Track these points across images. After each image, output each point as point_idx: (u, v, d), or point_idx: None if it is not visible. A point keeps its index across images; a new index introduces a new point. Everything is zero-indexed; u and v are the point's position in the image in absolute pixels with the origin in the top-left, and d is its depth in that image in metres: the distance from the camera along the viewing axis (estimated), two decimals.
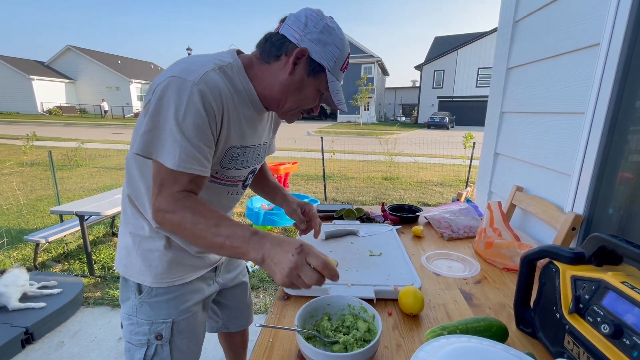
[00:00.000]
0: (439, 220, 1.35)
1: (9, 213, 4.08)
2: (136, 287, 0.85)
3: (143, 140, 0.66)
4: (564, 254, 0.63)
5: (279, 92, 0.76)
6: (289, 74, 0.73)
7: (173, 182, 0.66)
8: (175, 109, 0.64)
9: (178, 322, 0.87)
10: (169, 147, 0.64)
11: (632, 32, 0.85)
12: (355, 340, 0.64)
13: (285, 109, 0.79)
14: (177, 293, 0.87)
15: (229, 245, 0.63)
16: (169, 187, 0.66)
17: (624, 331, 0.49)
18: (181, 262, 0.85)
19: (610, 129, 0.92)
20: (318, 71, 0.74)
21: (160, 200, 0.66)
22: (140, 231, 0.82)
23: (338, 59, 0.74)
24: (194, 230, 0.65)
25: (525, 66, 1.36)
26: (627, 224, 0.91)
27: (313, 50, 0.72)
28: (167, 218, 0.66)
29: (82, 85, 29.26)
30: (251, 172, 0.91)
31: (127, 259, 0.84)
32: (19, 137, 9.16)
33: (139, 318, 0.85)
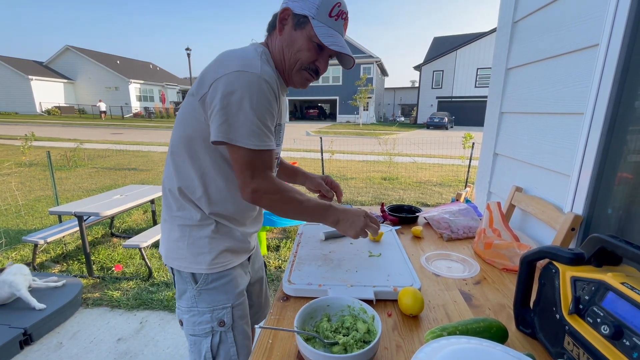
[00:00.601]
0: (438, 220, 1.35)
1: (7, 214, 4.07)
2: (191, 277, 0.88)
3: (222, 130, 0.74)
4: (564, 254, 0.63)
5: (278, 54, 0.84)
6: (279, 35, 0.83)
7: (261, 163, 0.78)
8: (249, 99, 0.73)
9: (236, 307, 0.92)
10: (248, 131, 0.74)
11: (631, 33, 0.85)
12: (355, 341, 0.64)
13: (287, 68, 0.85)
14: (230, 277, 0.91)
15: (317, 214, 0.86)
16: (261, 170, 0.78)
17: (624, 332, 0.49)
18: (229, 247, 0.90)
19: (609, 129, 0.92)
20: (303, 22, 0.80)
21: (258, 182, 0.78)
22: (190, 221, 0.87)
23: (320, 5, 0.79)
24: (291, 205, 0.82)
25: (524, 67, 1.36)
26: (627, 225, 0.92)
27: (294, 7, 0.79)
28: (266, 198, 0.80)
29: (81, 86, 29.19)
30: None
31: (178, 252, 0.88)
32: (18, 138, 9.14)
33: (200, 307, 0.89)
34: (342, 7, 0.82)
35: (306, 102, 31.71)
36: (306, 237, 1.22)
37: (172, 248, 0.89)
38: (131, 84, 28.63)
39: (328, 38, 0.79)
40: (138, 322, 2.15)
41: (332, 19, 0.80)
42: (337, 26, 0.82)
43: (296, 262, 1.01)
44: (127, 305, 2.30)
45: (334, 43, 0.80)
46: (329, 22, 0.80)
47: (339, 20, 0.81)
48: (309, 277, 0.92)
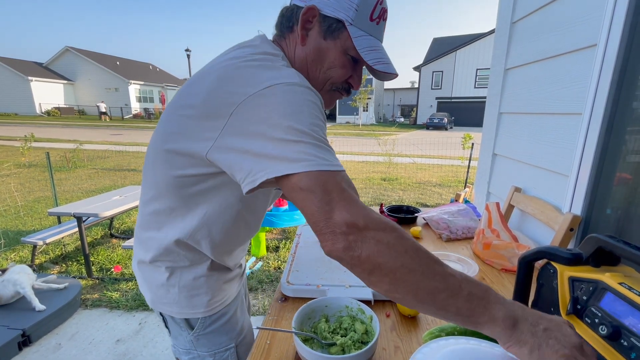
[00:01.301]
0: (437, 221, 1.35)
1: (6, 214, 4.07)
2: (185, 323, 0.74)
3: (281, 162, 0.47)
4: (562, 254, 0.63)
5: (300, 66, 0.63)
6: (302, 44, 0.61)
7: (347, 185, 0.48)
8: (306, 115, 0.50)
9: (240, 344, 0.80)
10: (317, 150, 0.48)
11: (628, 33, 0.85)
12: (353, 342, 0.64)
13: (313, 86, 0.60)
14: (229, 314, 0.79)
15: (465, 294, 0.42)
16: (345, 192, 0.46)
17: (622, 332, 0.49)
18: (224, 280, 0.76)
19: (607, 129, 0.92)
20: (336, 29, 0.59)
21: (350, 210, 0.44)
22: (180, 263, 0.69)
23: (359, 5, 0.58)
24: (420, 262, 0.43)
25: (523, 67, 1.36)
26: (625, 225, 0.92)
27: (323, 5, 0.58)
28: (370, 236, 0.43)
29: (81, 87, 29.23)
30: None
31: (167, 296, 0.72)
32: (17, 139, 9.13)
33: (200, 351, 0.76)
34: (384, 4, 0.61)
35: None
36: (305, 237, 1.22)
37: (158, 293, 0.72)
38: (131, 84, 28.67)
39: (372, 53, 0.60)
40: (137, 323, 2.15)
41: (373, 22, 0.60)
42: (379, 31, 0.62)
43: (295, 263, 1.00)
44: (126, 307, 2.30)
45: (380, 60, 0.60)
46: (370, 29, 0.60)
47: (380, 23, 0.62)
48: (307, 277, 0.92)
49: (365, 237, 0.43)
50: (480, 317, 0.41)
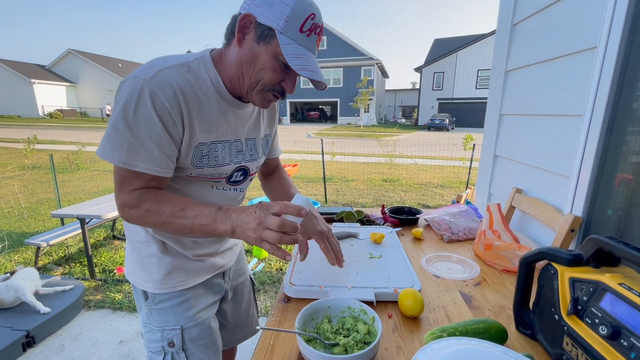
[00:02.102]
0: (438, 222, 1.35)
1: (10, 216, 4.09)
2: (143, 294, 0.86)
3: (102, 143, 0.67)
4: (562, 255, 0.63)
5: (235, 67, 0.71)
6: (238, 46, 0.69)
7: (135, 179, 0.68)
8: (125, 107, 0.64)
9: (189, 330, 0.87)
10: (117, 144, 0.65)
11: (628, 35, 0.86)
12: (356, 342, 0.65)
13: (246, 86, 0.72)
14: (182, 298, 0.87)
15: (197, 224, 0.66)
16: (130, 184, 0.69)
17: (622, 332, 0.50)
18: (180, 267, 0.85)
19: (608, 131, 0.93)
20: (268, 35, 0.66)
21: (123, 196, 0.69)
22: (137, 236, 0.83)
23: (290, 17, 0.64)
24: (160, 218, 0.67)
25: (523, 69, 1.37)
26: (627, 226, 0.92)
27: (258, 14, 0.65)
28: (132, 213, 0.69)
29: (83, 89, 29.37)
30: (238, 170, 0.85)
31: (130, 266, 0.87)
32: (20, 141, 9.18)
33: (152, 325, 0.86)
34: (317, 20, 0.67)
35: (307, 104, 31.78)
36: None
37: (128, 262, 0.88)
38: None
39: (297, 60, 0.65)
40: (140, 325, 2.16)
41: (303, 34, 0.66)
42: (309, 43, 0.68)
43: (297, 264, 1.01)
44: (129, 308, 2.31)
45: (304, 67, 0.66)
46: (300, 39, 0.66)
47: (311, 35, 0.67)
48: (310, 278, 0.92)
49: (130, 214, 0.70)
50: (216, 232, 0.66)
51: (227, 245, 0.97)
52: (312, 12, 0.67)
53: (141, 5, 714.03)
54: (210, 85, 0.73)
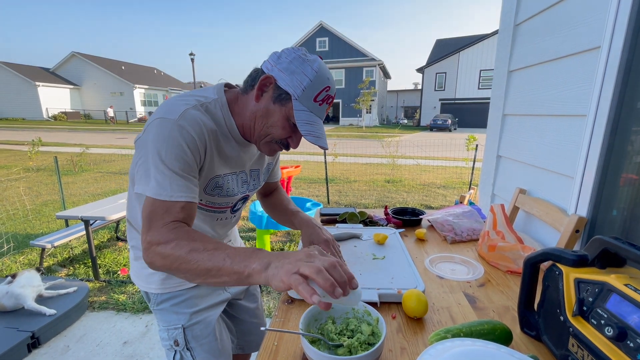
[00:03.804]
0: (442, 223, 1.35)
1: (15, 218, 4.12)
2: (146, 295, 0.92)
3: (140, 181, 0.69)
4: (567, 256, 0.63)
5: (249, 119, 0.79)
6: (256, 101, 0.76)
7: (164, 212, 0.66)
8: (158, 146, 0.68)
9: (191, 328, 0.90)
10: (156, 181, 0.67)
11: (632, 35, 0.85)
12: (360, 343, 0.65)
13: (256, 136, 0.80)
14: (182, 298, 0.90)
15: (229, 264, 0.58)
16: (161, 219, 0.65)
17: (628, 333, 0.49)
18: None
19: (612, 130, 0.92)
20: (284, 99, 0.73)
21: (153, 233, 0.64)
22: (137, 242, 0.88)
23: (307, 87, 0.72)
24: (190, 256, 0.60)
25: (526, 69, 1.37)
26: (632, 226, 0.91)
27: (279, 78, 0.72)
28: (158, 251, 0.62)
29: (87, 91, 29.57)
30: (241, 200, 0.94)
31: (134, 270, 0.92)
32: (25, 143, 9.26)
33: (160, 325, 0.92)
34: (330, 92, 0.75)
35: None
36: None
37: (133, 267, 0.93)
38: (136, 89, 28.95)
39: (306, 126, 0.73)
40: (144, 326, 2.17)
41: (316, 103, 0.74)
42: (320, 111, 0.75)
43: None
44: (133, 309, 2.32)
45: (311, 133, 0.73)
46: (312, 107, 0.73)
47: (323, 105, 0.75)
48: None
49: (156, 252, 0.63)
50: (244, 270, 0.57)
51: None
52: (328, 85, 0.74)
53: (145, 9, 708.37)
54: (225, 125, 0.80)
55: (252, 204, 4.23)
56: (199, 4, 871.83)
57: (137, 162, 0.71)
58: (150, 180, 0.67)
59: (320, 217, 1.51)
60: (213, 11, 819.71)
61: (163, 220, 0.65)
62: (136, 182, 0.71)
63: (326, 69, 0.75)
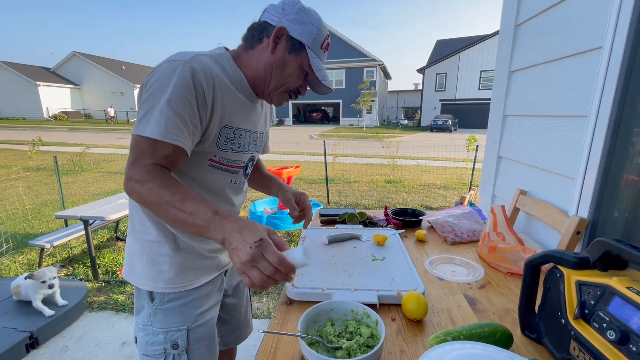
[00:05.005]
0: (442, 224, 1.34)
1: (14, 218, 4.12)
2: (148, 295, 0.85)
3: (138, 123, 0.68)
4: (568, 258, 0.62)
5: (264, 70, 0.80)
6: (271, 53, 0.78)
7: (150, 153, 0.67)
8: (166, 84, 0.68)
9: (194, 330, 0.87)
10: (156, 119, 0.66)
11: (634, 35, 0.85)
12: (359, 345, 0.64)
13: (271, 87, 0.82)
14: (190, 298, 0.86)
15: (191, 222, 0.63)
16: (145, 159, 0.67)
17: (630, 337, 0.49)
18: (192, 266, 0.85)
19: (614, 131, 0.92)
20: (298, 48, 0.77)
21: (133, 170, 0.67)
22: (148, 236, 0.82)
23: (316, 36, 0.78)
24: (159, 203, 0.64)
25: (527, 69, 1.36)
26: (633, 228, 0.91)
27: (292, 29, 0.76)
28: (135, 188, 0.66)
29: (87, 91, 29.59)
30: (250, 160, 0.93)
31: (136, 267, 0.85)
32: (25, 143, 9.27)
33: (154, 327, 0.85)
34: (329, 40, 0.83)
35: (309, 105, 31.83)
36: (310, 240, 1.22)
37: (132, 263, 0.85)
38: (136, 88, 28.94)
39: (320, 72, 0.80)
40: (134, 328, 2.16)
41: (322, 50, 0.81)
42: (324, 57, 0.84)
43: None
44: (132, 309, 2.31)
45: (324, 77, 0.82)
46: (320, 54, 0.80)
47: (326, 52, 0.83)
48: (312, 281, 0.92)
49: (133, 188, 0.67)
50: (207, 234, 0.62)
51: None
52: (328, 34, 0.82)
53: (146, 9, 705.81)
54: (234, 78, 0.80)
55: (252, 204, 4.23)
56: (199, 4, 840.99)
57: (139, 104, 0.71)
58: (149, 121, 0.67)
59: (320, 217, 1.51)
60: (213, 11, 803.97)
61: (147, 160, 0.68)
62: (135, 124, 0.69)
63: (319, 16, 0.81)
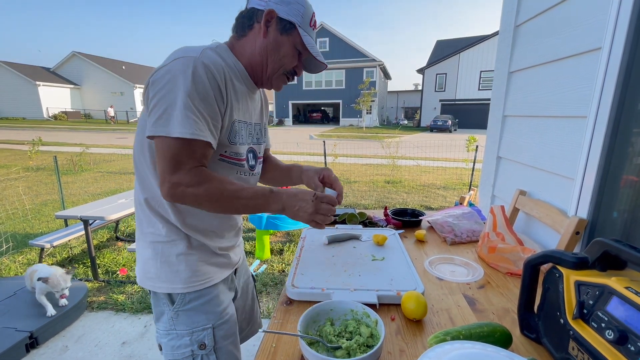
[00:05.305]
0: (442, 224, 1.34)
1: (14, 218, 4.12)
2: (168, 298, 0.83)
3: (159, 123, 0.67)
4: (567, 258, 0.63)
5: (259, 55, 0.80)
6: (264, 37, 0.79)
7: (189, 156, 0.69)
8: (182, 82, 0.67)
9: (219, 327, 0.85)
10: (181, 119, 0.66)
11: (633, 36, 0.85)
12: (358, 345, 0.64)
13: (269, 72, 0.83)
14: (211, 295, 0.85)
15: (252, 204, 0.74)
16: (187, 162, 0.69)
17: (629, 337, 0.49)
18: (206, 262, 0.85)
19: (613, 132, 0.92)
20: (289, 28, 0.78)
21: (181, 175, 0.68)
22: (159, 237, 0.81)
23: (304, 14, 0.79)
24: (220, 200, 0.71)
25: (527, 70, 1.36)
26: (632, 228, 0.91)
27: (280, 10, 0.77)
28: (189, 192, 0.69)
29: (87, 91, 29.58)
30: (250, 152, 0.90)
31: (151, 271, 0.82)
32: (25, 142, 9.26)
33: (178, 330, 0.83)
34: (315, 17, 0.84)
35: (309, 105, 31.81)
36: (310, 240, 1.22)
37: (146, 268, 0.83)
38: (136, 88, 28.94)
39: (313, 49, 0.81)
40: (142, 326, 2.16)
41: (311, 28, 0.82)
42: (313, 34, 0.85)
43: (300, 266, 1.01)
44: (132, 309, 2.31)
45: (318, 53, 0.83)
46: (310, 31, 0.82)
47: (314, 29, 0.85)
48: (312, 281, 0.92)
49: (185, 193, 0.69)
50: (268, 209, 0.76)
51: (239, 241, 1.00)
52: (313, 11, 0.83)
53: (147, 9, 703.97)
54: (235, 68, 0.81)
55: None
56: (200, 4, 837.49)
57: (152, 102, 0.69)
58: (171, 121, 0.66)
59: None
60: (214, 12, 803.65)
61: (189, 163, 0.69)
62: (151, 124, 0.68)
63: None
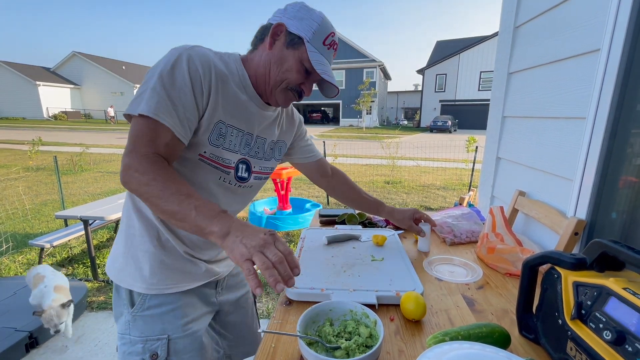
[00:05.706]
0: (441, 225, 1.35)
1: (14, 217, 4.12)
2: (128, 297, 0.81)
3: (132, 103, 0.67)
4: (566, 259, 0.63)
5: (263, 67, 0.80)
6: (269, 49, 0.78)
7: (149, 139, 0.66)
8: (162, 68, 0.68)
9: (175, 341, 0.82)
10: (148, 98, 0.66)
11: (632, 38, 0.85)
12: (357, 345, 0.65)
13: (271, 85, 0.80)
14: (173, 305, 0.83)
15: (193, 216, 0.60)
16: (145, 146, 0.65)
17: (627, 337, 0.49)
18: (171, 266, 0.82)
19: (611, 133, 0.92)
20: (297, 43, 0.76)
21: (133, 157, 0.64)
22: (133, 230, 0.80)
23: (317, 31, 0.77)
24: (160, 194, 0.62)
25: (526, 71, 1.37)
26: (631, 229, 0.91)
27: (290, 25, 0.76)
28: (135, 177, 0.63)
29: (87, 91, 29.61)
30: (242, 163, 0.85)
31: (118, 262, 0.82)
32: (25, 142, 9.26)
33: (132, 335, 0.81)
34: (335, 38, 0.81)
35: (309, 106, 31.84)
36: (309, 241, 1.23)
37: (114, 257, 0.84)
38: (136, 88, 28.86)
39: (320, 66, 0.76)
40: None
41: (325, 47, 0.79)
42: (328, 55, 0.80)
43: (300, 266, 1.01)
44: None
45: (325, 72, 0.77)
46: (322, 50, 0.78)
47: (330, 50, 0.80)
48: (311, 281, 0.92)
49: (132, 177, 0.64)
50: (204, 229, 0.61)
51: (224, 255, 0.95)
52: (332, 31, 0.80)
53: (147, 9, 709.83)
54: (237, 75, 0.80)
55: (251, 204, 4.22)
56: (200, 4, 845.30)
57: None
58: (142, 100, 0.66)
59: (319, 218, 1.51)
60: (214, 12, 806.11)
61: (147, 148, 0.65)
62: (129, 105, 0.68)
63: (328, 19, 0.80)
